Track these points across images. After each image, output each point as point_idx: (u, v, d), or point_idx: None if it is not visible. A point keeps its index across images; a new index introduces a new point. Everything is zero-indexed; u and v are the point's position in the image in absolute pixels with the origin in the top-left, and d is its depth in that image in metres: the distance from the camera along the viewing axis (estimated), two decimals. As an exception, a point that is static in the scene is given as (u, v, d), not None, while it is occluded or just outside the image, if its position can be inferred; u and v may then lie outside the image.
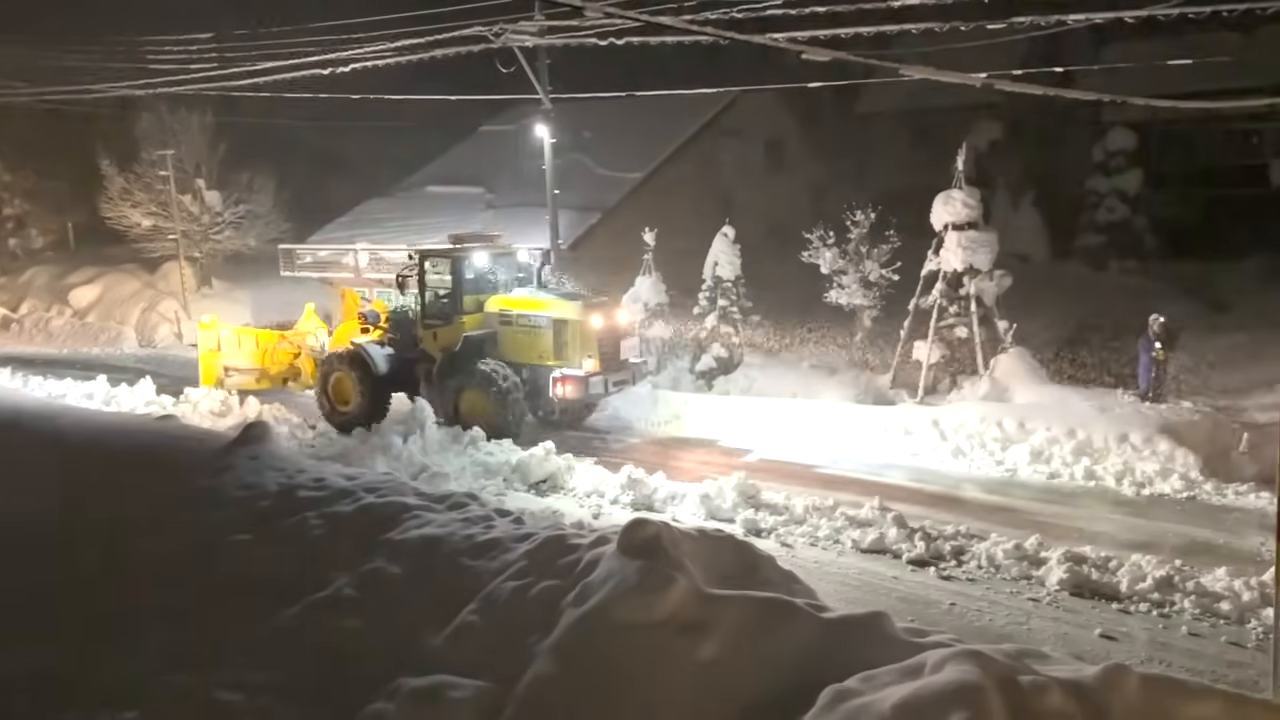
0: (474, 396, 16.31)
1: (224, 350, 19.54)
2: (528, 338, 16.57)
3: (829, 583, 10.48)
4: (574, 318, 16.24)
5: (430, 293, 17.35)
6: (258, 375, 19.47)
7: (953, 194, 18.02)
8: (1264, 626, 9.33)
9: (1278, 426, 8.69)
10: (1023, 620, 9.85)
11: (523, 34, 19.41)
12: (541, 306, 16.53)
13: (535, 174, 22.63)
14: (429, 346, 17.20)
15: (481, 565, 6.90)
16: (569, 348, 16.23)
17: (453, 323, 16.98)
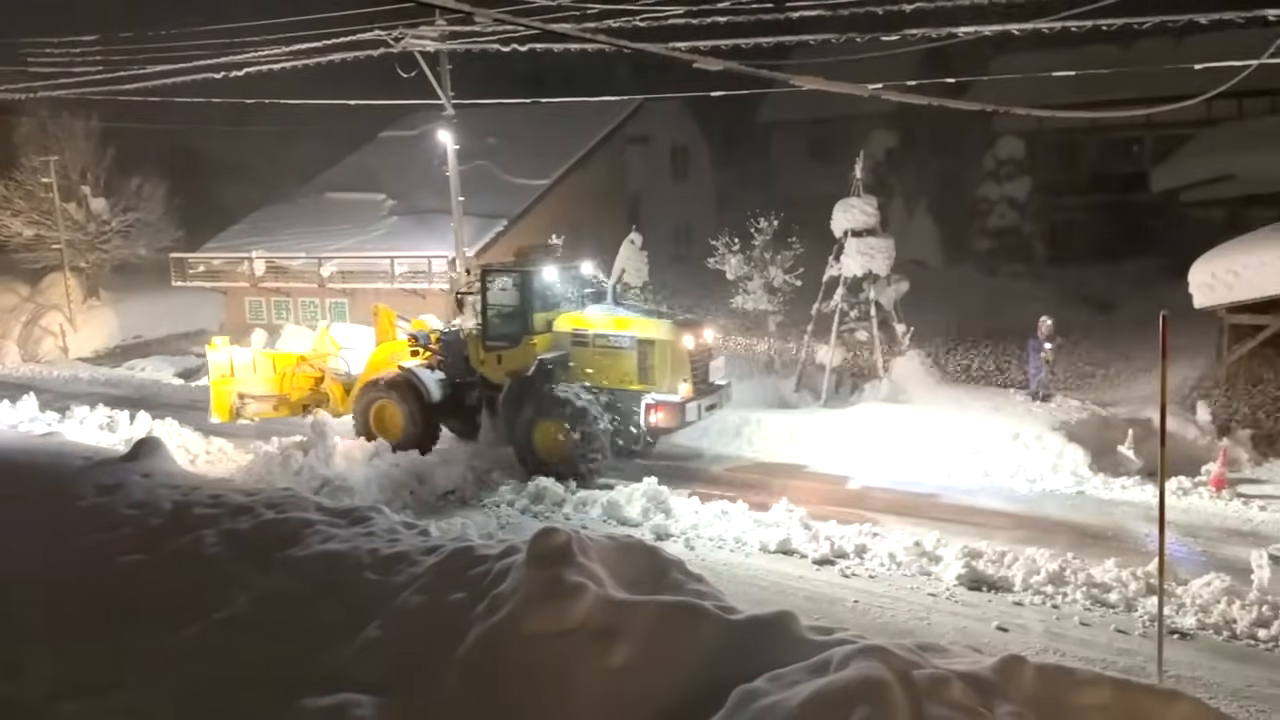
0: (551, 428, 14.57)
1: (238, 376, 17.22)
2: (608, 360, 14.86)
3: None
4: (664, 338, 14.62)
5: (493, 312, 15.54)
6: (275, 402, 17.46)
7: (851, 201, 18.47)
8: (1149, 615, 9.77)
9: (1159, 422, 9.24)
10: (924, 615, 10.12)
11: (423, 39, 19.15)
12: (626, 325, 14.82)
13: (439, 180, 22.34)
14: (490, 372, 15.51)
15: (387, 579, 6.76)
16: (656, 370, 14.58)
17: (521, 344, 15.16)
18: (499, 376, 15.33)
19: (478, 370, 15.69)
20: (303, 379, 17.56)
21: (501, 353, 15.34)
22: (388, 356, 16.81)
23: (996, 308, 23.41)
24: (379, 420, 16.21)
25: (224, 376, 17.07)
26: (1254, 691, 8.46)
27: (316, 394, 17.48)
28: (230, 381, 17.08)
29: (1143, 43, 25.74)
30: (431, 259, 24.32)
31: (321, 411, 16.58)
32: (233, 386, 17.06)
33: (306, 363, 17.65)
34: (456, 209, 22.12)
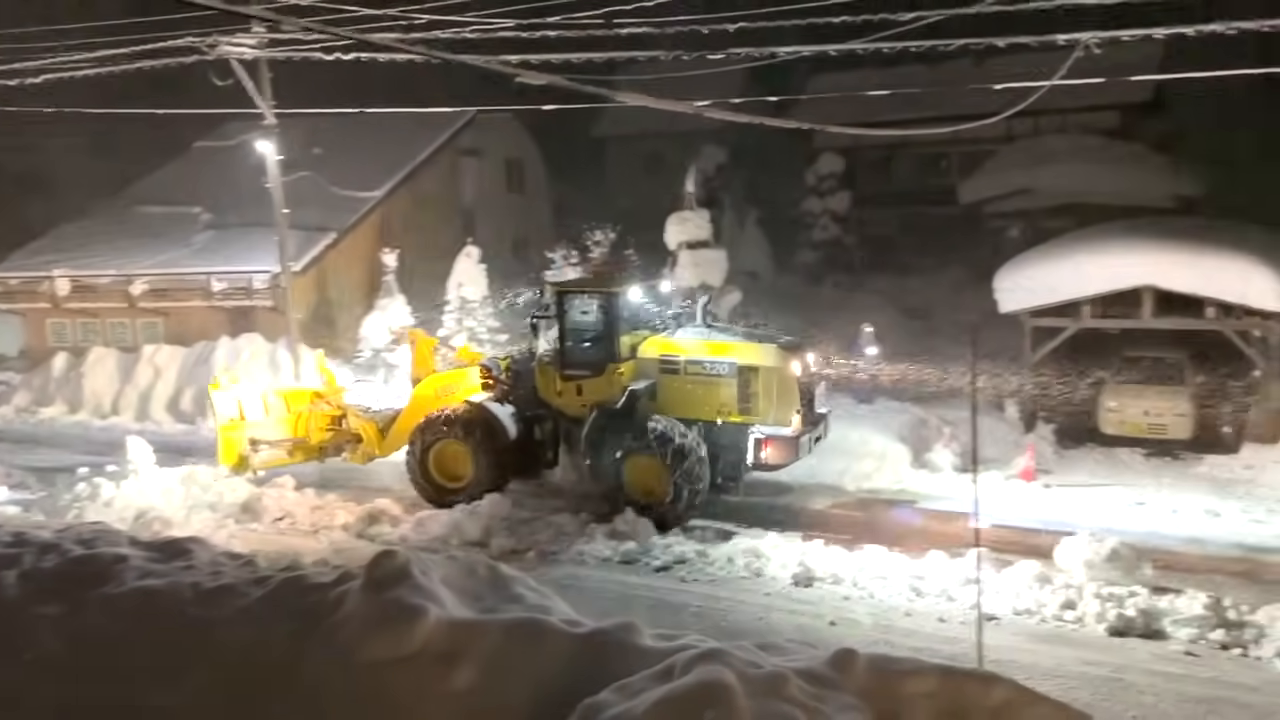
0: (645, 465, 13.06)
1: (248, 418, 15.04)
2: (703, 389, 13.35)
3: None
4: (770, 364, 13.19)
5: (572, 337, 13.96)
6: (290, 447, 15.39)
7: (685, 215, 18.90)
8: (967, 603, 10.37)
9: (971, 420, 9.93)
10: (762, 615, 10.41)
11: (240, 46, 18.32)
12: (725, 351, 13.39)
13: (260, 192, 21.40)
14: (567, 403, 13.89)
15: (211, 615, 6.39)
16: (760, 400, 13.17)
17: (605, 373, 13.63)
18: (577, 409, 13.75)
19: (550, 401, 14.07)
20: (320, 418, 15.41)
21: (582, 382, 13.70)
22: (436, 390, 14.86)
23: (822, 316, 24.37)
24: (442, 463, 14.23)
25: (233, 421, 14.87)
26: (1065, 670, 9.12)
27: (340, 435, 15.40)
28: (240, 426, 14.86)
29: (948, 64, 27.49)
30: (253, 275, 23.26)
31: (347, 456, 15.11)
32: (243, 431, 14.86)
33: (323, 399, 15.54)
34: (280, 222, 21.22)
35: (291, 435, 15.26)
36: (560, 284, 14.33)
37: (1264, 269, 16.08)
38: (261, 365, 21.52)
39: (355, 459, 15.18)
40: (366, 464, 15.10)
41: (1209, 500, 14.06)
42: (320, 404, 15.43)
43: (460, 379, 14.98)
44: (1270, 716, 8.30)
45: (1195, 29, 11.53)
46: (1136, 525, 12.87)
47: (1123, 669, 9.16)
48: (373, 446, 14.99)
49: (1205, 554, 12.03)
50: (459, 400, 14.49)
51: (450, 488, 14.07)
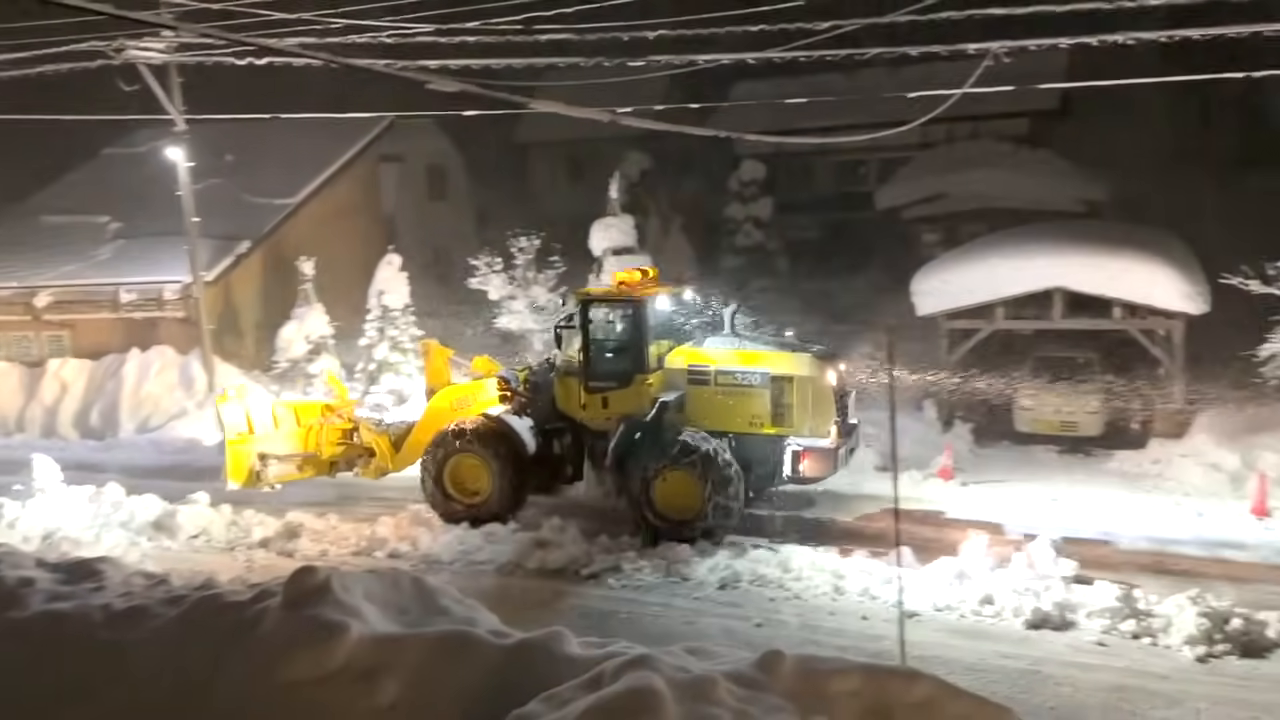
0: (679, 481, 12.55)
1: (258, 432, 14.36)
2: (733, 400, 12.93)
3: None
4: (805, 374, 12.80)
5: (598, 347, 13.48)
6: (300, 462, 14.72)
7: (609, 221, 18.92)
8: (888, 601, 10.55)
9: (890, 420, 10.20)
10: (692, 619, 10.44)
11: (148, 50, 17.78)
12: (757, 360, 12.93)
13: (171, 200, 20.78)
14: (592, 416, 13.39)
15: (123, 638, 6.16)
16: (794, 412, 12.76)
17: (633, 384, 13.15)
18: (601, 421, 13.27)
19: (574, 414, 13.61)
20: (332, 432, 14.81)
21: (608, 394, 13.25)
22: (452, 403, 14.34)
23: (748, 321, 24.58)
24: (458, 478, 13.71)
25: (241, 435, 14.19)
26: (985, 664, 9.34)
27: (352, 449, 14.80)
28: (249, 440, 14.21)
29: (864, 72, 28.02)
30: (164, 285, 22.58)
31: (359, 471, 14.53)
32: (251, 446, 14.20)
33: (334, 413, 14.95)
34: (190, 230, 20.64)
35: (301, 450, 14.65)
36: (585, 293, 13.86)
37: (1166, 270, 16.73)
38: (172, 379, 20.89)
39: (368, 474, 14.63)
40: (379, 479, 14.60)
41: (1119, 494, 14.54)
42: (331, 417, 14.87)
43: (477, 391, 14.45)
44: (1180, 703, 8.61)
45: (1099, 39, 11.95)
46: (1050, 520, 13.24)
47: (1040, 661, 9.43)
48: (386, 461, 14.52)
49: (1116, 547, 12.44)
50: (476, 413, 13.99)
51: (466, 503, 13.61)
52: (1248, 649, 9.50)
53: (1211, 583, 10.85)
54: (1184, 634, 9.67)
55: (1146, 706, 8.56)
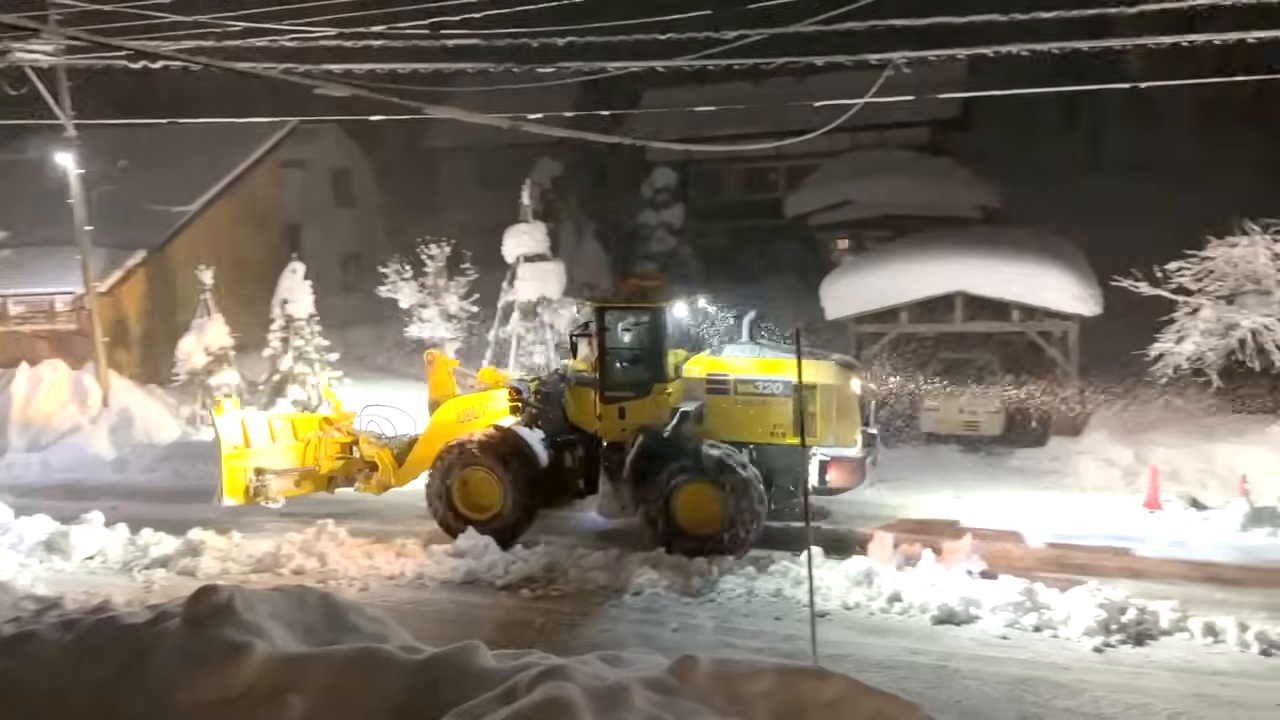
0: (700, 494, 12.22)
1: (254, 446, 13.75)
2: (754, 410, 12.66)
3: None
4: (829, 382, 12.57)
5: (614, 356, 13.02)
6: (298, 478, 14.08)
7: (522, 227, 18.81)
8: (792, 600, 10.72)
9: (799, 423, 10.58)
10: (609, 627, 10.42)
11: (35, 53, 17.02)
12: (779, 369, 12.63)
13: (62, 208, 19.92)
14: (607, 428, 12.91)
15: (11, 664, 5.86)
16: (818, 421, 12.47)
17: (651, 394, 12.73)
18: (616, 433, 12.84)
19: (586, 426, 13.21)
20: (330, 446, 14.23)
21: (625, 404, 12.79)
22: (458, 415, 13.76)
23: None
24: (467, 494, 13.19)
25: (238, 449, 13.52)
26: (895, 660, 9.54)
27: (352, 464, 14.20)
28: (245, 454, 13.55)
29: (772, 81, 28.47)
30: (55, 296, 21.66)
31: (360, 486, 13.98)
32: (248, 460, 13.57)
33: (333, 425, 14.37)
34: (82, 239, 19.81)
35: (299, 464, 14.04)
36: (601, 300, 13.36)
37: (1060, 274, 17.38)
38: (64, 394, 20.01)
39: (369, 489, 14.03)
40: (381, 494, 14.04)
41: (1020, 492, 15.03)
42: (330, 430, 14.27)
43: (484, 402, 13.87)
44: (1080, 693, 8.92)
45: (994, 50, 12.35)
46: (957, 518, 13.61)
47: (947, 656, 9.67)
48: (389, 475, 13.92)
49: (1018, 542, 12.84)
50: (483, 425, 13.45)
51: (475, 519, 13.04)
52: (1141, 638, 9.91)
53: (1109, 575, 11.29)
54: (1083, 626, 10.03)
55: (1049, 697, 8.84)
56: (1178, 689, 8.92)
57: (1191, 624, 9.98)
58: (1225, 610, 10.22)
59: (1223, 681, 9.04)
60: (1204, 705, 8.64)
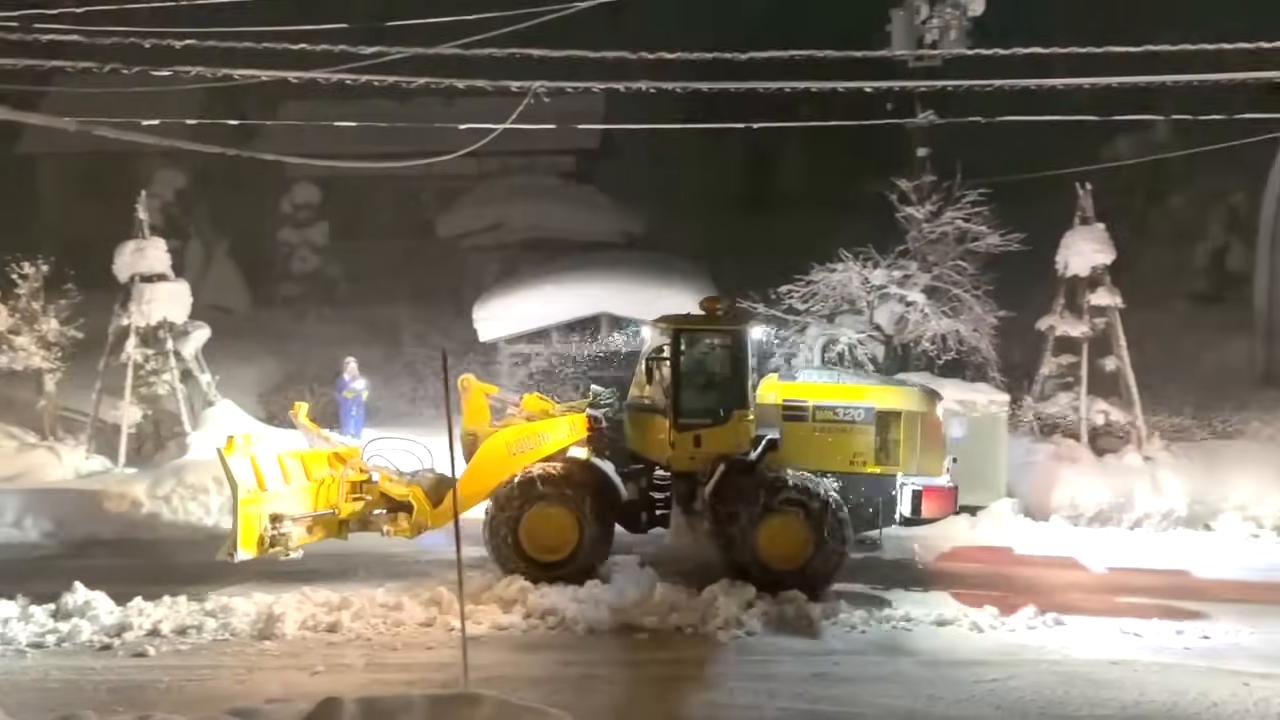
0: (784, 526, 11.67)
1: (269, 488, 11.61)
2: (834, 437, 12.24)
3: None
4: (914, 409, 12.33)
5: (690, 381, 12.32)
6: (313, 523, 12.07)
7: (138, 244, 17.12)
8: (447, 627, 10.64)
9: (449, 444, 10.39)
10: (245, 675, 9.68)
11: None
12: (860, 395, 12.37)
13: None
14: (679, 457, 12.15)
15: None
16: (901, 449, 12.18)
17: (730, 421, 12.06)
18: (687, 462, 12.12)
19: (651, 455, 12.48)
20: (345, 485, 12.39)
21: (702, 432, 12.07)
22: (510, 446, 12.43)
23: (308, 351, 23.55)
24: (536, 533, 12.01)
25: (252, 493, 11.41)
26: (547, 675, 9.69)
27: (373, 504, 12.46)
28: (260, 499, 11.50)
29: (418, 100, 28.15)
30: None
31: (389, 530, 12.33)
32: (263, 505, 11.50)
33: (345, 462, 12.56)
34: None
35: (316, 507, 12.22)
36: (678, 321, 12.70)
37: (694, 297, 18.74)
38: None
39: (401, 532, 12.48)
40: (416, 537, 12.56)
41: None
42: (344, 468, 12.55)
43: (541, 432, 12.63)
44: (717, 687, 9.44)
45: (624, 85, 13.11)
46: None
47: (595, 664, 9.99)
48: (425, 516, 12.38)
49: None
50: (537, 457, 12.35)
51: (549, 562, 12.00)
52: (781, 628, 10.82)
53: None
54: (719, 621, 10.79)
55: (694, 689, 9.36)
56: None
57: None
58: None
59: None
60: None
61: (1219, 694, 9.15)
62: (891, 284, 17.23)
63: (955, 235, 17.60)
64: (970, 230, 17.44)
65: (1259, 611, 11.52)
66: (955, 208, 17.54)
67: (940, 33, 17.03)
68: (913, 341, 17.24)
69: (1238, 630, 10.91)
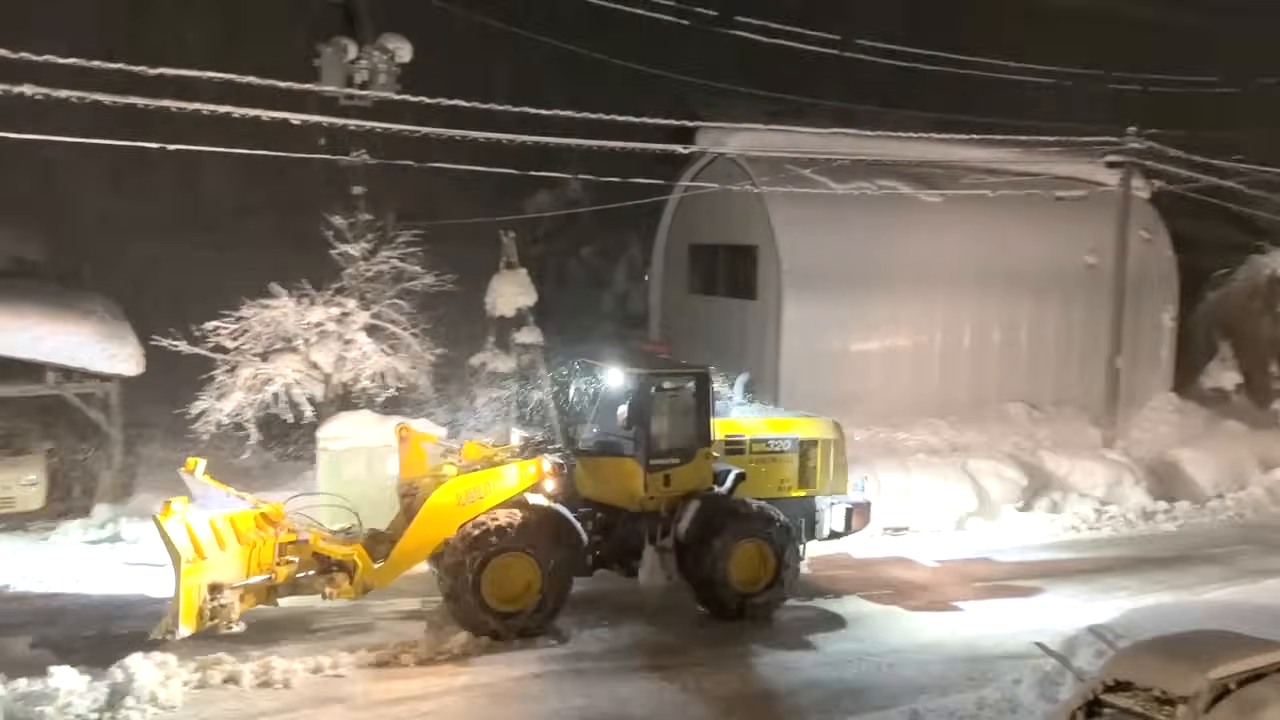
0: (753, 553, 12.65)
1: (208, 556, 10.61)
2: (769, 467, 13.64)
3: None
4: (828, 436, 14.17)
5: (660, 424, 12.73)
6: (243, 593, 11.04)
7: None
8: None
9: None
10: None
11: None
12: (786, 427, 14.02)
13: None
14: (652, 496, 12.57)
15: None
16: (819, 473, 13.93)
17: (695, 459, 12.72)
18: (660, 501, 12.61)
19: (608, 498, 12.78)
20: (274, 548, 11.45)
21: (670, 472, 12.60)
22: (459, 497, 11.93)
23: None
24: (499, 584, 11.71)
25: (193, 562, 10.30)
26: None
27: (305, 565, 11.57)
28: (200, 568, 10.42)
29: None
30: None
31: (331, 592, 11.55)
32: (202, 576, 10.37)
33: (272, 522, 11.58)
34: None
35: (251, 574, 11.23)
36: (645, 367, 13.32)
37: (96, 333, 16.58)
38: None
39: (345, 594, 11.66)
40: (358, 598, 11.82)
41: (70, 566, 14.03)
42: (271, 530, 11.59)
43: (490, 481, 12.30)
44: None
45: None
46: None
47: None
48: (370, 575, 11.69)
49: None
50: (486, 507, 12.03)
51: (510, 612, 11.82)
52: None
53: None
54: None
55: None
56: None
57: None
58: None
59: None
60: None
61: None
62: (329, 321, 16.91)
63: (392, 274, 17.84)
64: (406, 270, 17.80)
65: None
66: (391, 247, 17.80)
67: (370, 74, 17.20)
68: (352, 380, 17.06)
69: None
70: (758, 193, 22.32)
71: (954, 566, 15.65)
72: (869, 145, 21.70)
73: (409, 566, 12.18)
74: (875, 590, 14.15)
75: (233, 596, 10.89)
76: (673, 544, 12.53)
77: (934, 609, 13.59)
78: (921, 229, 22.97)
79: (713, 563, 12.41)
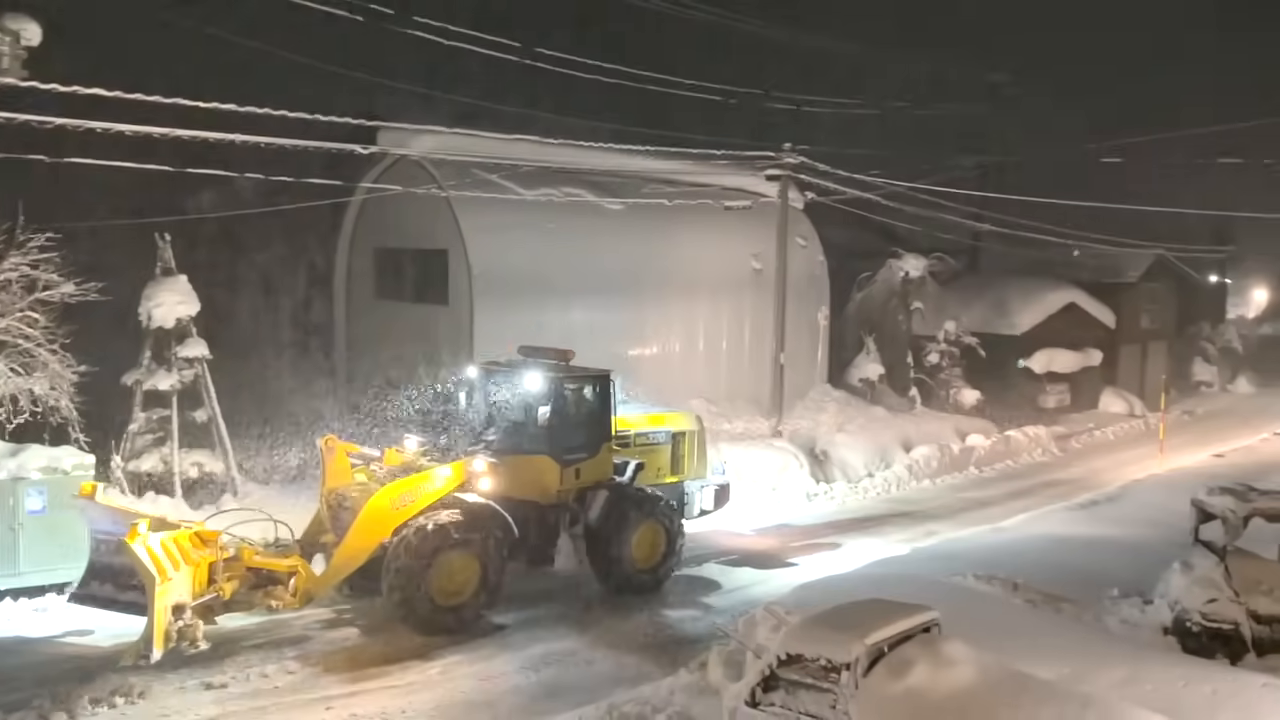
0: (651, 534, 14.24)
1: (171, 576, 11.07)
2: (649, 457, 15.18)
3: None
4: (694, 429, 16.05)
5: (568, 423, 14.13)
6: (191, 610, 11.26)
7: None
8: None
9: None
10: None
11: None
12: (660, 421, 15.79)
13: None
14: (563, 490, 14.02)
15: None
16: (686, 460, 15.81)
17: (600, 453, 14.36)
18: (569, 492, 14.00)
19: (521, 493, 13.60)
20: (217, 566, 11.69)
21: (580, 465, 14.07)
22: (393, 501, 12.46)
23: None
24: (442, 579, 12.35)
25: (164, 583, 10.93)
26: None
27: (242, 579, 11.92)
28: (168, 587, 10.97)
29: None
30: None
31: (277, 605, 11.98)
32: (169, 598, 10.97)
33: (204, 540, 11.76)
34: None
35: (201, 592, 11.53)
36: (554, 371, 14.19)
37: None
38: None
39: (289, 605, 12.05)
40: (300, 608, 12.34)
41: None
42: (206, 549, 11.72)
43: (420, 484, 12.71)
44: None
45: None
46: None
47: None
48: (312, 584, 12.14)
49: None
50: (418, 509, 12.50)
51: (452, 606, 12.48)
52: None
53: None
54: None
55: None
56: None
57: None
58: None
59: None
60: None
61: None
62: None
63: (24, 284, 15.62)
64: (40, 278, 15.65)
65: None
66: (21, 253, 15.59)
67: (-10, 56, 14.96)
68: (-27, 406, 14.74)
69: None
70: (445, 196, 22.01)
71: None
72: (552, 153, 22.02)
73: (349, 572, 12.65)
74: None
75: (194, 616, 11.25)
76: (583, 530, 13.89)
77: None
78: (606, 235, 23.71)
79: (620, 545, 13.84)
